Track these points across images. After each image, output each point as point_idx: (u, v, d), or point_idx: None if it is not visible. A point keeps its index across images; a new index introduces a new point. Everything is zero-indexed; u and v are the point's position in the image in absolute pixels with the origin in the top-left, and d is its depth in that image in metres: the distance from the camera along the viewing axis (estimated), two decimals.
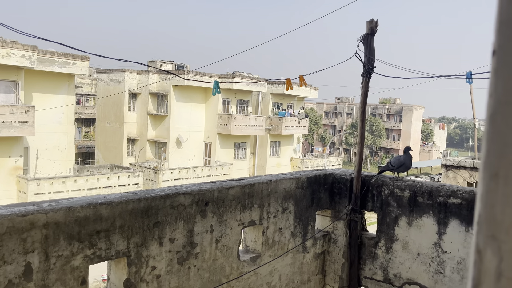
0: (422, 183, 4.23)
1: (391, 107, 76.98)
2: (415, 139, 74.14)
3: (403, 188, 4.29)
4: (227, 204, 3.56)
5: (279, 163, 40.00)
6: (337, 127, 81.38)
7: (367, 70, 4.23)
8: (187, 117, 34.47)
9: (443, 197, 4.02)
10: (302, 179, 4.27)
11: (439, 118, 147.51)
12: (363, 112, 4.42)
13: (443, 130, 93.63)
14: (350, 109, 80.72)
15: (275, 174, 4.20)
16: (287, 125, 38.82)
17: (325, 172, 4.63)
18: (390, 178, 4.50)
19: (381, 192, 4.44)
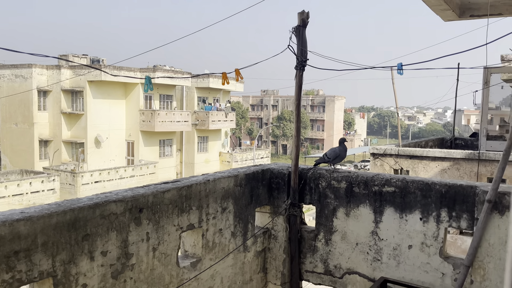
0: (358, 174, 4.36)
1: (315, 98, 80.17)
2: (338, 128, 78.04)
3: (339, 180, 4.39)
4: (164, 209, 3.38)
5: (207, 158, 39.93)
6: (264, 120, 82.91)
7: (301, 63, 4.25)
8: (106, 115, 32.78)
9: (378, 186, 4.17)
10: (241, 177, 4.21)
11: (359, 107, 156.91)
12: (298, 105, 4.44)
13: (363, 119, 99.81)
14: (275, 101, 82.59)
15: (213, 173, 4.10)
16: (214, 119, 38.73)
17: (263, 168, 4.61)
18: (327, 170, 4.58)
19: (318, 184, 4.50)
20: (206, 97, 40.49)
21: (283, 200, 4.63)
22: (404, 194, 4.02)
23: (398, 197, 4.05)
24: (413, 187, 3.98)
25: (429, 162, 7.72)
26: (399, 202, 4.05)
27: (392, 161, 7.87)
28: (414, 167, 7.84)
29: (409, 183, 4.01)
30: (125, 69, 32.00)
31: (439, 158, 7.62)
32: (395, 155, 7.83)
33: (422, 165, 7.75)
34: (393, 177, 4.15)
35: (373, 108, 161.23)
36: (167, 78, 33.05)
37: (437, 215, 3.86)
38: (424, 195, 3.92)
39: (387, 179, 4.15)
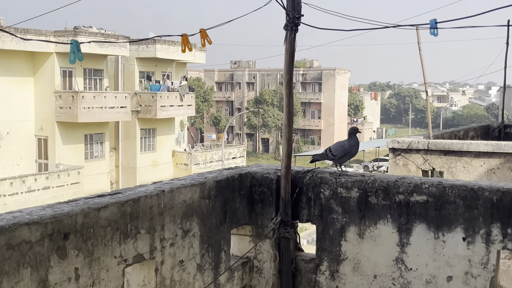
0: (375, 178, 4.42)
1: (307, 73, 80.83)
2: (340, 114, 78.98)
3: (349, 186, 4.45)
4: (99, 233, 3.34)
5: (156, 160, 39.83)
6: (236, 104, 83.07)
7: (292, 20, 4.26)
8: (5, 99, 32.09)
9: (404, 195, 4.25)
10: (209, 185, 4.22)
11: (370, 84, 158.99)
12: (290, 81, 4.48)
13: (375, 101, 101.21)
14: (251, 77, 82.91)
15: (169, 181, 4.09)
16: (164, 104, 38.63)
17: (241, 172, 4.65)
18: (331, 173, 4.64)
19: (319, 194, 4.56)
20: (151, 72, 40.22)
21: (269, 217, 4.66)
22: (441, 204, 4.10)
23: (431, 209, 4.13)
24: (452, 195, 4.07)
25: (471, 159, 7.89)
26: (433, 216, 4.13)
27: (420, 159, 8.03)
28: (450, 167, 8.00)
29: (447, 189, 4.10)
30: (32, 32, 31.40)
31: (484, 153, 7.79)
32: (423, 151, 8.00)
33: (462, 164, 7.92)
34: (424, 181, 4.23)
35: (389, 86, 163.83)
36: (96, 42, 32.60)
37: (486, 233, 3.95)
38: (469, 205, 4.01)
39: (416, 184, 4.22)
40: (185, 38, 3.68)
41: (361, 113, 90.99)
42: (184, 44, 3.70)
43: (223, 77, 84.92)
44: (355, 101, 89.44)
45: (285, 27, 4.35)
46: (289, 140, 4.60)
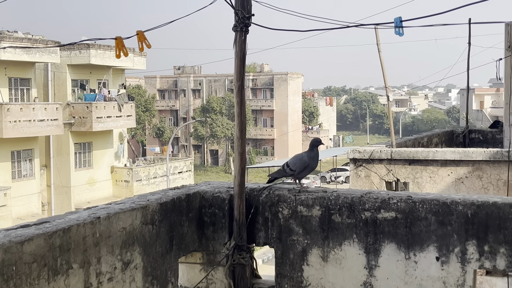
0: (338, 193, 4.38)
1: (258, 78, 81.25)
2: (294, 122, 79.72)
3: (310, 204, 4.39)
4: (23, 271, 3.11)
5: (92, 178, 39.17)
6: (181, 113, 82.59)
7: (242, 20, 4.17)
8: None
9: (371, 211, 4.21)
10: (152, 209, 4.07)
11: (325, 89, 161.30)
12: (241, 88, 4.37)
13: (331, 107, 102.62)
14: (197, 83, 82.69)
15: (105, 206, 3.90)
16: (100, 115, 37.98)
17: (188, 192, 4.54)
18: (290, 190, 4.58)
19: (277, 213, 4.48)
20: (86, 80, 39.54)
21: (222, 241, 4.58)
22: (411, 221, 4.08)
23: (401, 226, 4.10)
24: (423, 210, 4.05)
25: (437, 168, 7.97)
26: (403, 234, 4.09)
27: (383, 170, 8.06)
28: (416, 178, 8.06)
29: (418, 204, 4.08)
30: None
31: (452, 161, 7.89)
32: (386, 161, 8.04)
33: (428, 174, 7.99)
34: (392, 196, 4.19)
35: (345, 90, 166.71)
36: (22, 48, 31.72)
37: (461, 251, 3.94)
38: (441, 221, 4.00)
39: (383, 200, 4.19)
40: (119, 41, 3.49)
41: (316, 120, 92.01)
42: (118, 48, 3.51)
43: (166, 84, 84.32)
44: (310, 107, 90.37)
45: (234, 28, 4.27)
46: (242, 154, 4.49)
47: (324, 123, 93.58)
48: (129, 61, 40.58)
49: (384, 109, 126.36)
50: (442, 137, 11.79)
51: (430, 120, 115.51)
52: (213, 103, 76.00)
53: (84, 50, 37.39)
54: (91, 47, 37.28)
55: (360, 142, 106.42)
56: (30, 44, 33.76)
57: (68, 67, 37.97)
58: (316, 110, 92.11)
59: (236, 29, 4.26)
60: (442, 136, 11.85)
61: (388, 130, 48.36)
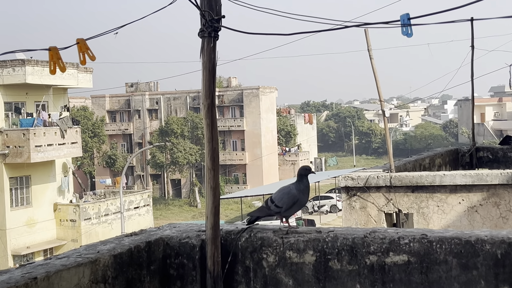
0: (336, 234, 4.27)
1: (225, 94, 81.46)
2: (269, 144, 79.88)
3: (301, 248, 4.24)
4: None
5: (32, 218, 38.78)
6: (135, 137, 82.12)
7: (211, 24, 4.01)
8: None
9: (377, 255, 4.08)
10: (104, 263, 3.85)
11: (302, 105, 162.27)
12: (211, 106, 4.18)
13: (310, 125, 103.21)
14: (154, 102, 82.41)
15: (44, 262, 3.69)
16: (39, 143, 37.68)
17: (148, 239, 4.33)
18: (275, 231, 4.47)
19: (261, 261, 4.34)
20: (21, 102, 39.16)
21: None
22: (428, 266, 3.93)
23: (416, 272, 3.96)
24: (442, 252, 3.90)
25: (446, 195, 7.86)
26: (418, 282, 3.96)
27: (382, 199, 7.92)
28: (421, 207, 7.95)
29: (435, 245, 3.93)
30: None
31: (462, 187, 7.80)
32: (385, 188, 7.91)
33: (435, 202, 7.88)
34: (403, 235, 4.07)
35: (325, 105, 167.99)
36: None
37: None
38: (465, 264, 3.84)
39: (392, 240, 4.05)
40: (54, 52, 3.20)
41: (294, 141, 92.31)
42: (53, 61, 3.22)
43: (117, 104, 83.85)
44: (286, 126, 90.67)
45: (200, 34, 4.15)
46: (215, 189, 4.31)
47: (303, 144, 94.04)
48: (72, 78, 40.30)
49: (371, 126, 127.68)
50: (445, 157, 11.73)
51: (424, 136, 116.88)
52: (173, 124, 75.74)
53: (18, 67, 37.00)
54: (27, 64, 36.94)
55: (345, 165, 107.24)
56: None
57: (0, 88, 37.48)
58: (293, 129, 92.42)
59: (203, 34, 4.13)
60: (446, 156, 11.78)
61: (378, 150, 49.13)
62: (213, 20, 4.04)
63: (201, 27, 4.09)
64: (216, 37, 4.11)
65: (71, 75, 39.69)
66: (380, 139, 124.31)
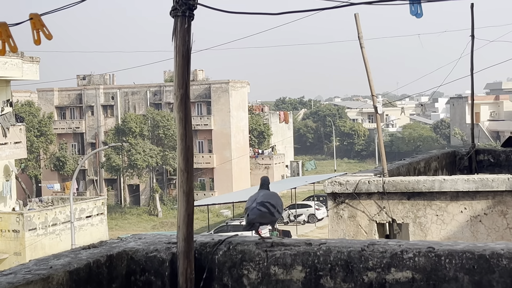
0: (329, 246, 4.22)
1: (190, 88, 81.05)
2: (240, 145, 79.99)
3: (289, 263, 4.16)
4: None
5: None
6: (88, 137, 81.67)
7: (185, 1, 3.91)
8: None
9: (376, 271, 4.00)
10: (58, 280, 3.72)
11: (277, 101, 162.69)
12: (185, 98, 4.08)
13: (286, 124, 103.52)
14: (109, 97, 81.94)
15: None
16: None
17: (110, 252, 4.21)
18: (258, 243, 4.42)
19: (241, 278, 4.27)
20: None
21: None
22: (435, 283, 3.87)
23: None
24: (452, 267, 3.85)
25: (446, 203, 7.83)
26: None
27: (374, 207, 7.87)
28: (417, 217, 7.91)
29: (443, 259, 3.87)
30: None
31: (464, 193, 7.78)
32: (377, 195, 7.87)
33: (434, 211, 7.85)
34: (406, 249, 4.02)
35: (303, 103, 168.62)
36: None
37: None
38: (478, 282, 3.79)
39: (394, 254, 3.98)
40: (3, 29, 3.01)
41: (268, 142, 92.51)
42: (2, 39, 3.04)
43: (67, 99, 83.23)
44: (259, 126, 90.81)
45: (173, 13, 4.06)
46: (188, 194, 4.22)
47: (278, 146, 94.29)
48: (16, 69, 39.89)
49: (354, 126, 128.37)
50: (442, 161, 11.74)
51: (413, 138, 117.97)
52: (131, 122, 75.40)
53: None
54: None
55: (325, 169, 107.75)
56: None
57: None
58: (267, 129, 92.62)
59: (175, 13, 4.03)
60: (442, 159, 11.79)
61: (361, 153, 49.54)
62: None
63: (174, 4, 3.99)
64: (191, 16, 4.01)
65: (14, 65, 39.30)
66: (363, 141, 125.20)
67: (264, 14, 3.96)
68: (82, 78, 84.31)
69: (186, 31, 4.01)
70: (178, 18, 3.99)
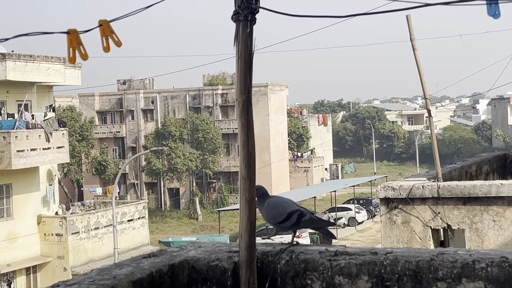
0: (396, 256, 4.09)
1: (229, 92, 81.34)
2: (279, 148, 79.87)
3: (354, 273, 4.05)
4: None
5: (13, 232, 38.84)
6: (128, 141, 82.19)
7: (247, 5, 3.79)
8: None
9: (446, 282, 3.87)
10: None
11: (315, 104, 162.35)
12: (247, 104, 3.97)
13: (325, 127, 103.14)
14: (149, 101, 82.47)
15: None
16: (22, 147, 37.81)
17: (171, 261, 4.15)
18: (321, 252, 4.29)
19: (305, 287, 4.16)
20: (2, 102, 39.31)
21: None
22: None
23: None
24: None
25: (504, 208, 7.66)
26: None
27: (428, 213, 7.72)
28: (474, 222, 7.75)
29: None
30: None
31: None
32: (432, 200, 7.72)
33: (491, 217, 7.68)
34: (478, 258, 3.88)
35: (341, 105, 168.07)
36: None
37: None
38: None
39: (465, 264, 3.83)
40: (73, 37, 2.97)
41: (307, 145, 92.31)
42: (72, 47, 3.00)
43: (108, 103, 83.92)
44: (298, 129, 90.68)
45: (235, 17, 3.95)
46: (251, 201, 4.09)
47: (317, 149, 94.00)
48: (59, 74, 40.28)
49: (394, 128, 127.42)
50: (493, 164, 11.53)
51: (454, 140, 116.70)
52: (171, 126, 75.60)
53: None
54: (8, 58, 36.87)
55: (364, 172, 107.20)
56: None
57: None
58: (306, 132, 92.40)
59: (237, 17, 3.93)
60: (493, 162, 11.57)
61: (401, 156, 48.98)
62: (250, 0, 3.86)
63: (236, 8, 3.90)
64: (254, 20, 3.92)
65: (57, 71, 39.68)
66: (403, 143, 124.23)
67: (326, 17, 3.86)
68: (122, 83, 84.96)
69: (248, 35, 3.93)
70: (240, 23, 3.91)
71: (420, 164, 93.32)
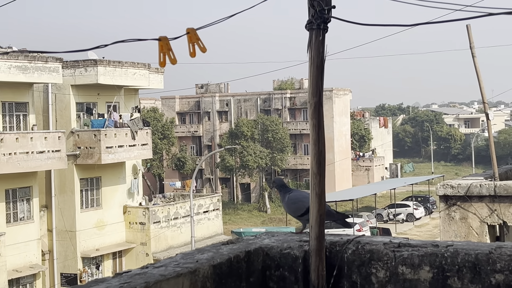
0: (456, 249, 4.00)
1: (296, 96, 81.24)
2: (342, 148, 79.30)
3: (416, 263, 3.99)
4: None
5: (102, 220, 39.38)
6: (205, 140, 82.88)
7: (320, 15, 3.79)
8: None
9: (504, 273, 3.77)
10: (203, 273, 3.67)
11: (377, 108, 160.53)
12: (318, 106, 3.96)
13: (385, 129, 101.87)
14: (224, 104, 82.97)
15: (140, 271, 3.55)
16: (110, 144, 38.25)
17: (248, 248, 4.14)
18: (386, 243, 4.22)
19: (369, 276, 4.12)
20: (93, 103, 39.83)
21: None
22: None
23: None
24: None
25: None
26: None
27: (485, 210, 7.55)
28: None
29: None
30: None
31: None
32: (489, 198, 7.54)
33: None
34: None
35: (401, 109, 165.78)
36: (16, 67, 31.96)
37: None
38: None
39: None
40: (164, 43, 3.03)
41: (369, 146, 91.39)
42: (163, 52, 3.06)
43: (187, 105, 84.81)
44: (360, 130, 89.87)
45: (308, 26, 3.94)
46: (321, 195, 4.07)
47: (378, 149, 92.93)
48: (144, 79, 40.84)
49: (451, 131, 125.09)
50: None
51: (508, 142, 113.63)
52: (243, 127, 75.85)
53: (90, 68, 37.62)
54: (99, 64, 37.53)
55: (423, 171, 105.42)
56: (27, 61, 33.97)
57: (72, 88, 38.17)
58: (367, 133, 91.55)
59: (311, 26, 3.92)
60: None
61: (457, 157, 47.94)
62: (323, 11, 3.84)
63: (309, 18, 3.89)
64: (326, 29, 3.90)
65: (142, 75, 40.28)
66: (460, 145, 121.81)
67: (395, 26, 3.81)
68: (200, 87, 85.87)
69: (320, 43, 3.91)
70: (313, 31, 3.90)
71: (476, 165, 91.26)
